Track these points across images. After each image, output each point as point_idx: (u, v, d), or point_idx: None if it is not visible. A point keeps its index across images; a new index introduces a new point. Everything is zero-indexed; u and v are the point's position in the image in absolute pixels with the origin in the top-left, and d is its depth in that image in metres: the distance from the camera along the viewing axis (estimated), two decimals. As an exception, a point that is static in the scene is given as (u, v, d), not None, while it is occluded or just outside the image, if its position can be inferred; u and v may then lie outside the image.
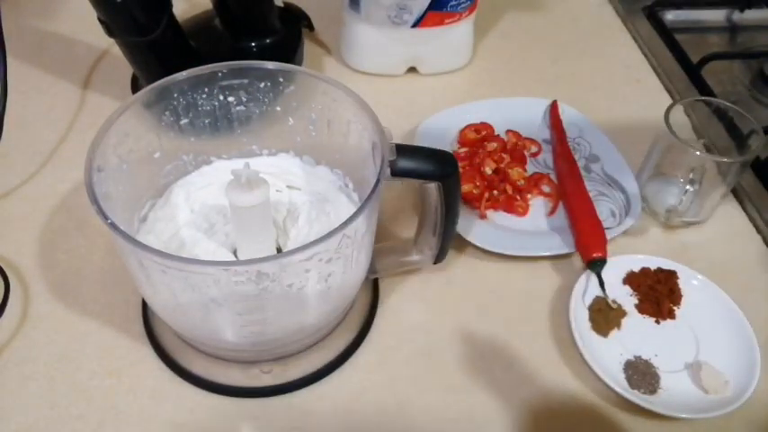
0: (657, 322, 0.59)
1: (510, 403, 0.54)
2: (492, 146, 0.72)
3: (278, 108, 0.55)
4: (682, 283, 0.61)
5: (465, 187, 0.67)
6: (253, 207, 0.50)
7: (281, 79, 0.57)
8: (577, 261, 0.63)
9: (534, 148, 0.74)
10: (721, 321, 0.58)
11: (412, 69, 0.83)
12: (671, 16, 0.96)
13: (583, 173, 0.69)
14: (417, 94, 0.81)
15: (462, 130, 0.74)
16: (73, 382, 0.54)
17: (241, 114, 0.60)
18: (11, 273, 0.60)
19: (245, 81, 0.57)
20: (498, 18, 0.93)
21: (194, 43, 0.72)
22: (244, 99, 0.59)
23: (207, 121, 0.60)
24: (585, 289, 0.60)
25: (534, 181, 0.70)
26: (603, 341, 0.57)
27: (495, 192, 0.68)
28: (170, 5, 0.67)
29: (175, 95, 0.56)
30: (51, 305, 0.59)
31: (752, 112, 0.64)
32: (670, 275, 0.61)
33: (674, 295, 0.60)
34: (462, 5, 0.77)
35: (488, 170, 0.70)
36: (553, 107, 0.76)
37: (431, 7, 0.75)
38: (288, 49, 0.79)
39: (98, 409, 0.52)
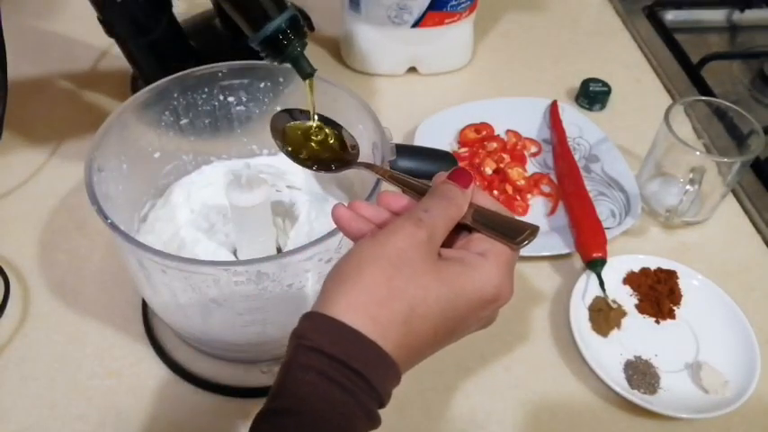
0: (657, 322, 0.59)
1: (510, 403, 0.54)
2: (492, 146, 0.72)
3: (278, 108, 0.55)
4: (682, 283, 0.61)
5: (465, 187, 0.67)
6: (253, 207, 0.50)
7: (281, 79, 0.57)
8: (577, 261, 0.63)
9: (534, 148, 0.74)
10: (721, 321, 0.58)
11: (412, 69, 0.83)
12: (671, 16, 0.96)
13: (583, 173, 0.69)
14: (417, 94, 0.81)
15: (462, 130, 0.74)
16: (73, 381, 0.54)
17: (241, 114, 0.60)
18: (11, 273, 0.60)
19: (245, 81, 0.57)
20: (498, 18, 0.93)
21: (194, 43, 0.72)
22: (244, 99, 0.59)
23: (207, 121, 0.60)
24: (585, 289, 0.60)
25: (534, 181, 0.70)
26: (603, 341, 0.57)
27: (496, 192, 0.68)
28: (170, 5, 0.67)
29: (175, 95, 0.56)
30: (51, 305, 0.59)
31: (752, 113, 0.64)
32: (670, 275, 0.61)
33: (673, 295, 0.60)
34: (462, 5, 0.77)
35: (488, 170, 0.70)
36: (553, 107, 0.76)
37: (431, 7, 0.75)
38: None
39: (98, 408, 0.52)
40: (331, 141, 0.50)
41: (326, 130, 0.50)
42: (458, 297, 0.36)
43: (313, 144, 0.50)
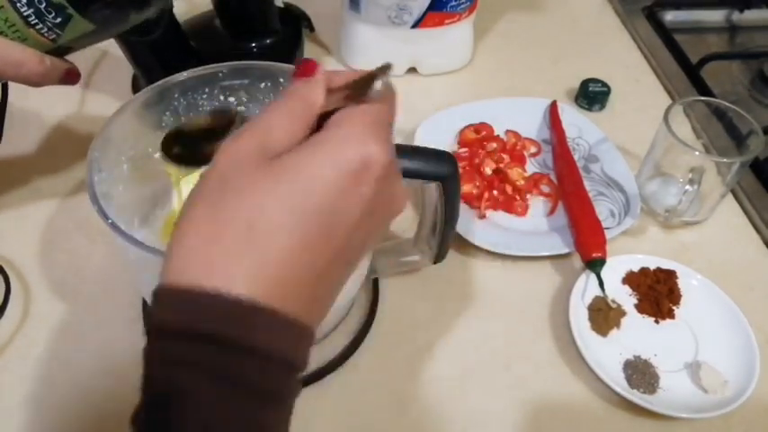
0: (657, 322, 0.59)
1: (510, 403, 0.54)
2: (492, 146, 0.72)
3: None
4: (681, 282, 0.61)
5: (465, 187, 0.67)
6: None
7: (281, 79, 0.57)
8: (577, 261, 0.63)
9: (534, 149, 0.74)
10: (720, 321, 0.58)
11: (412, 69, 0.83)
12: (670, 17, 0.97)
13: (582, 173, 0.69)
14: (417, 94, 0.81)
15: (462, 130, 0.74)
16: (73, 382, 0.54)
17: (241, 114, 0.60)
18: (11, 272, 0.60)
19: (246, 81, 0.57)
20: (498, 18, 0.93)
21: (194, 43, 0.72)
22: (244, 99, 0.59)
23: (207, 122, 0.60)
24: (585, 289, 0.60)
25: (534, 181, 0.70)
26: (603, 341, 0.57)
27: (495, 192, 0.69)
28: (170, 5, 0.67)
29: (176, 95, 0.56)
30: (51, 305, 0.59)
31: (751, 113, 0.64)
32: (669, 275, 0.61)
33: (673, 295, 0.60)
34: (462, 6, 0.77)
35: (488, 170, 0.70)
36: (553, 107, 0.76)
37: (431, 7, 0.75)
38: (288, 50, 0.80)
39: (98, 409, 0.52)
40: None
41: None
42: (309, 183, 0.27)
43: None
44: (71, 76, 0.53)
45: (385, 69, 0.32)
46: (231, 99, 0.59)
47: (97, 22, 0.51)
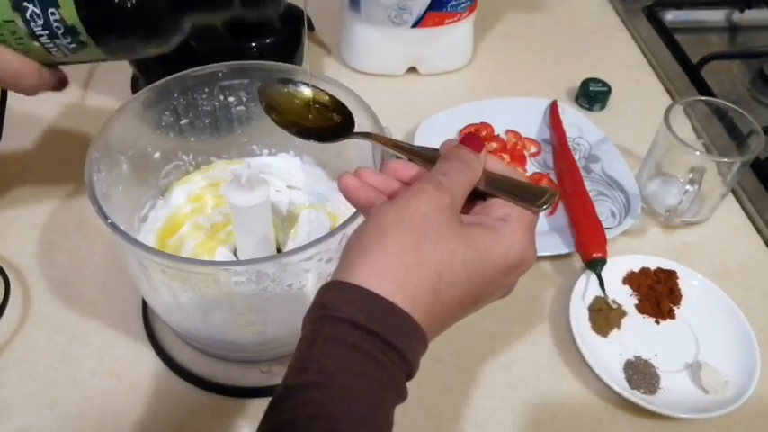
0: (657, 322, 0.59)
1: (510, 403, 0.54)
2: (492, 146, 0.72)
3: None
4: (682, 283, 0.61)
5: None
6: (253, 207, 0.50)
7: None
8: (577, 261, 0.63)
9: (534, 148, 0.74)
10: (721, 321, 0.58)
11: (412, 69, 0.83)
12: (671, 16, 0.97)
13: (583, 173, 0.69)
14: (417, 94, 0.81)
15: (462, 130, 0.74)
16: (73, 382, 0.54)
17: (241, 114, 0.60)
18: (11, 273, 0.60)
19: (246, 81, 0.57)
20: (498, 18, 0.93)
21: (194, 43, 0.72)
22: (244, 99, 0.59)
23: (207, 121, 0.60)
24: (585, 289, 0.60)
25: (534, 181, 0.70)
26: (603, 341, 0.57)
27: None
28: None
29: (175, 95, 0.56)
30: (51, 305, 0.59)
31: (752, 113, 0.64)
32: (670, 275, 0.61)
33: (673, 295, 0.60)
34: (462, 5, 0.77)
35: (488, 170, 0.70)
36: (553, 107, 0.76)
37: (431, 7, 0.75)
38: (288, 49, 0.79)
39: (98, 408, 0.52)
40: (327, 112, 0.47)
41: (323, 100, 0.47)
42: (484, 262, 0.34)
43: (308, 114, 0.47)
44: (61, 84, 0.53)
45: (554, 196, 0.37)
46: (231, 99, 0.59)
47: (111, 52, 0.50)
